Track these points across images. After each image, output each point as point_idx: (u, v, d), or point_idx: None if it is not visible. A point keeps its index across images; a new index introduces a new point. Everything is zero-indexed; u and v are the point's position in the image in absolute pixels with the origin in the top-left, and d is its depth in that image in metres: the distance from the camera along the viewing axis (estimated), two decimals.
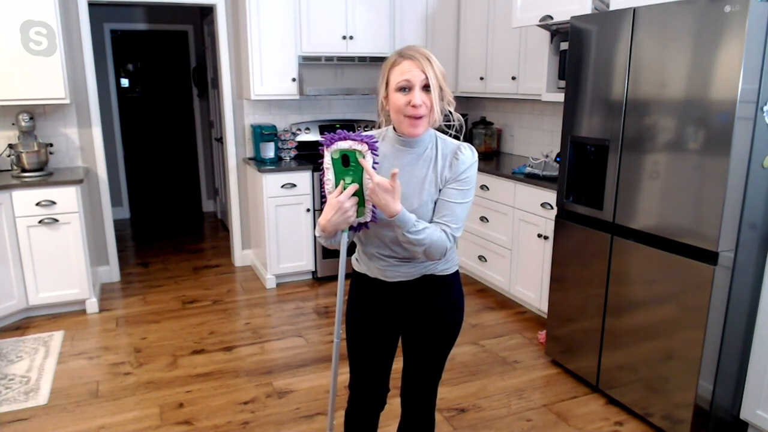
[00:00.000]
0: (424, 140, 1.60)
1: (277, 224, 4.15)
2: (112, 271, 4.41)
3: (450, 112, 1.59)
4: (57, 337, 3.41)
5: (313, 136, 4.65)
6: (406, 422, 1.92)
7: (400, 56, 1.52)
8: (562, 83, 3.39)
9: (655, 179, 2.38)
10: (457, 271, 1.78)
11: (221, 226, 6.16)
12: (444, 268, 1.72)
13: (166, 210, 6.93)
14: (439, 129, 1.64)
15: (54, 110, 3.99)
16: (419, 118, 1.51)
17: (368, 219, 1.56)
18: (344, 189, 1.50)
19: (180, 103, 6.76)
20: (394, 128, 1.62)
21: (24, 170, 3.63)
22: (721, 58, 2.08)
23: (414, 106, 1.49)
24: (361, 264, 1.77)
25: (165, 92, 6.75)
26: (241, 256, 4.79)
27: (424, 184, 1.59)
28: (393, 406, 2.75)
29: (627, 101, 2.48)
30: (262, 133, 4.28)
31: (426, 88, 1.50)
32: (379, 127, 1.69)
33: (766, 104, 2.09)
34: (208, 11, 5.47)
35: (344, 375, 3.00)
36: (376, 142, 1.49)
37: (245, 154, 4.64)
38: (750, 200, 2.18)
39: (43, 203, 3.51)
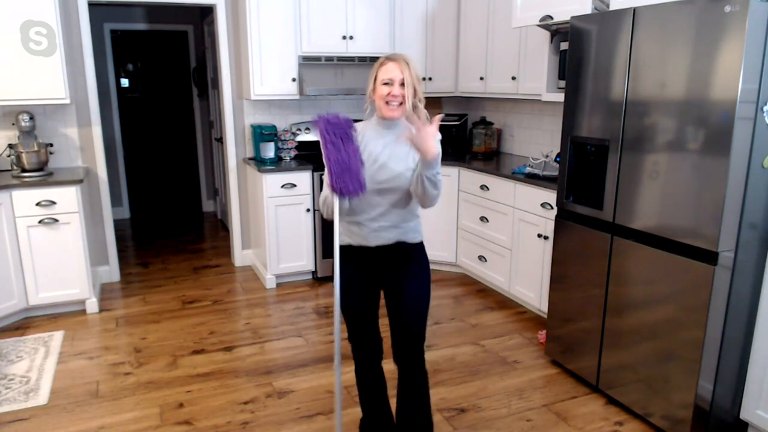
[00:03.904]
0: (400, 125, 2.04)
1: (277, 224, 4.15)
2: (112, 271, 4.41)
3: (418, 107, 2.02)
4: (57, 337, 3.41)
5: (313, 136, 4.65)
6: (404, 378, 2.16)
7: (387, 59, 2.02)
8: (562, 83, 3.39)
9: (655, 179, 2.38)
10: (422, 242, 2.15)
11: (221, 226, 6.16)
12: (413, 236, 2.10)
13: (166, 210, 6.92)
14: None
15: (54, 110, 3.99)
16: (397, 104, 1.97)
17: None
18: None
19: (180, 103, 6.76)
20: (377, 116, 2.04)
21: (24, 170, 3.63)
22: (721, 58, 2.08)
23: (393, 95, 1.96)
24: (343, 237, 2.07)
25: (165, 92, 6.74)
26: (241, 256, 4.79)
27: (402, 156, 2.00)
28: (393, 405, 2.75)
29: (627, 101, 2.48)
30: (262, 133, 4.28)
31: (402, 84, 1.96)
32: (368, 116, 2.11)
33: (766, 104, 2.09)
34: (208, 11, 5.46)
35: (345, 375, 3.01)
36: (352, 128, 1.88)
37: (245, 154, 4.64)
38: (750, 200, 2.18)
39: (43, 203, 3.51)
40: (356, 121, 2.10)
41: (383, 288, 2.13)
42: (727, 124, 2.08)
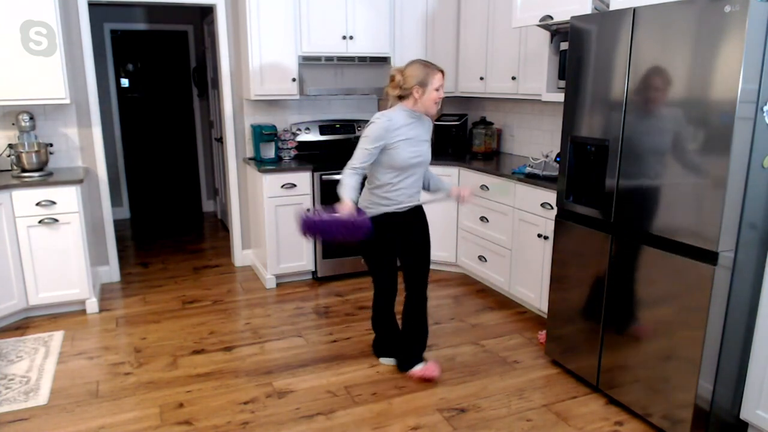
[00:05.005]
0: (423, 116, 2.74)
1: (277, 224, 4.15)
2: (112, 271, 4.41)
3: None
4: (57, 337, 3.41)
5: (313, 136, 4.65)
6: (412, 300, 2.91)
7: (438, 69, 2.64)
8: (562, 83, 3.39)
9: (655, 179, 2.38)
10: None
11: (221, 226, 6.16)
12: (418, 200, 2.83)
13: (166, 210, 6.92)
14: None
15: (54, 110, 3.99)
16: (439, 104, 2.70)
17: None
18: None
19: (180, 103, 6.75)
20: (407, 107, 2.68)
21: (24, 170, 3.63)
22: (721, 58, 2.08)
23: (440, 98, 2.67)
24: (385, 202, 2.73)
25: (165, 92, 6.74)
26: (241, 256, 4.79)
27: (423, 138, 2.72)
28: (394, 405, 2.76)
29: (627, 101, 2.48)
30: (262, 133, 4.28)
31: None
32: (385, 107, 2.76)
33: (766, 104, 2.09)
34: (208, 11, 5.47)
35: (345, 375, 3.01)
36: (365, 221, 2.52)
37: (245, 154, 4.64)
38: (750, 200, 2.18)
39: (43, 203, 3.51)
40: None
41: (405, 238, 2.82)
42: (727, 124, 2.08)
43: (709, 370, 2.30)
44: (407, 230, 2.82)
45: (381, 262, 2.84)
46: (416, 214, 2.83)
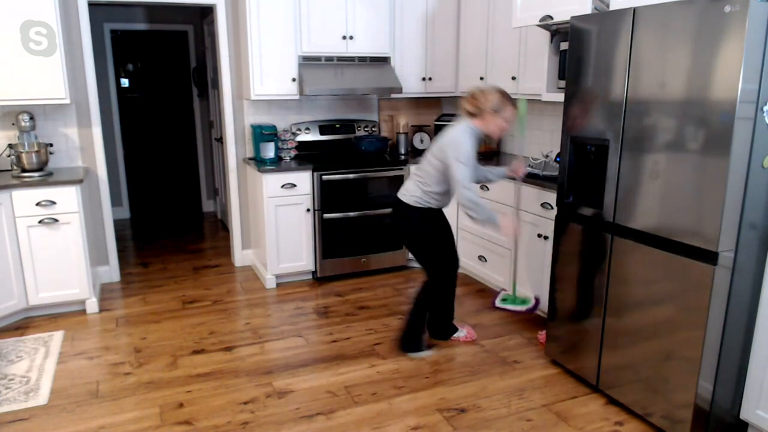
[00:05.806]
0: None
1: (277, 224, 4.15)
2: (112, 271, 4.41)
3: None
4: (57, 337, 3.41)
5: (313, 136, 4.65)
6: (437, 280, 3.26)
7: (513, 105, 2.97)
8: (562, 83, 3.39)
9: (655, 179, 2.38)
10: None
11: (221, 226, 6.16)
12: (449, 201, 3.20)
13: (166, 210, 6.93)
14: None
15: (54, 110, 3.99)
16: None
17: None
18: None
19: (180, 103, 6.76)
20: (476, 125, 2.95)
21: (24, 170, 3.63)
22: (721, 58, 2.08)
23: (506, 129, 3.01)
24: (434, 203, 3.07)
25: (165, 92, 6.74)
26: (241, 256, 4.79)
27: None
28: (394, 405, 2.77)
29: (627, 101, 2.48)
30: (262, 133, 4.28)
31: None
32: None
33: (766, 104, 2.09)
34: (208, 11, 5.47)
35: (345, 375, 3.01)
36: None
37: (245, 154, 4.64)
38: (750, 200, 2.18)
39: (43, 203, 3.51)
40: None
41: (441, 227, 3.19)
42: (727, 124, 2.08)
43: (709, 370, 2.30)
44: (441, 221, 3.20)
45: (443, 243, 3.16)
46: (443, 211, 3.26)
